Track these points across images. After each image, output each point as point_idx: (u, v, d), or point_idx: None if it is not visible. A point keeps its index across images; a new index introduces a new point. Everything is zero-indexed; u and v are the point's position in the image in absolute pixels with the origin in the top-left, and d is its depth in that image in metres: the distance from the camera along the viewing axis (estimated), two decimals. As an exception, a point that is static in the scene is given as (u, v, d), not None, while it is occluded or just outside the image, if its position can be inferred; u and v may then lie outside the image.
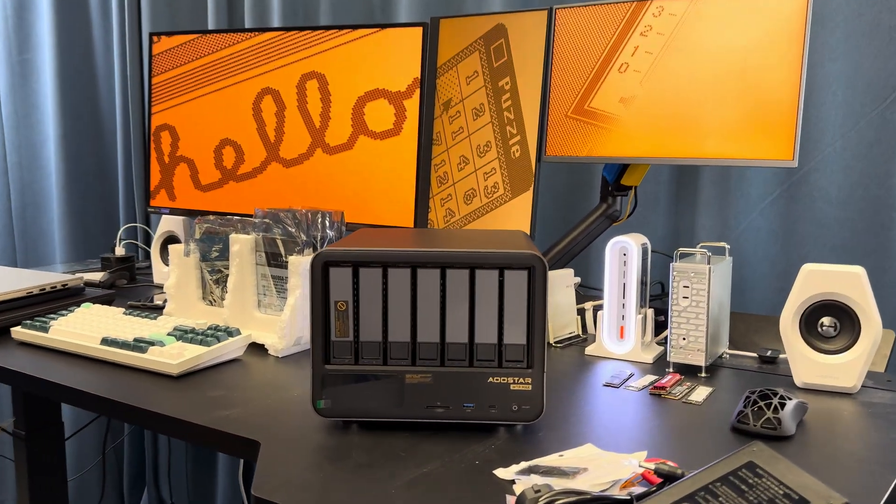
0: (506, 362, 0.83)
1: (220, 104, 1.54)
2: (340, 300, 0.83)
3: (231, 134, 1.54)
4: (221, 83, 1.52)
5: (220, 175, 1.55)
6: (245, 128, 1.53)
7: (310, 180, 1.45)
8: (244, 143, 1.52)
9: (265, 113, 1.51)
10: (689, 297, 1.06)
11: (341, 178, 1.41)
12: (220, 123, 1.55)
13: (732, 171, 1.65)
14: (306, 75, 1.45)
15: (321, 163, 1.45)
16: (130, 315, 1.23)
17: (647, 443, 0.81)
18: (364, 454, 0.77)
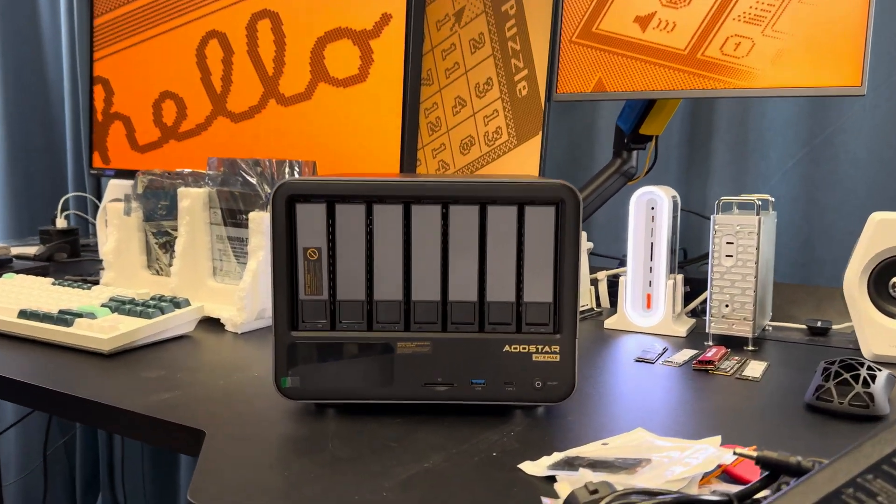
0: (526, 326, 0.64)
1: (159, 51, 1.33)
2: (311, 247, 0.64)
3: (172, 86, 1.32)
4: (160, 27, 1.31)
5: (160, 133, 1.34)
6: (187, 78, 1.31)
7: (262, 136, 1.24)
8: (186, 96, 1.30)
9: (210, 60, 1.29)
10: (733, 255, 0.88)
11: (301, 132, 1.20)
12: (160, 74, 1.33)
13: (750, 133, 1.49)
14: (257, 14, 1.24)
15: (275, 115, 1.23)
16: (60, 285, 1.03)
17: (708, 426, 0.63)
18: (344, 446, 0.58)
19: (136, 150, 1.37)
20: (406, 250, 0.64)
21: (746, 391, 0.73)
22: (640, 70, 0.99)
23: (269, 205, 0.62)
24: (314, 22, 1.18)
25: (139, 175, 1.05)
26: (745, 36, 0.92)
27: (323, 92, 1.17)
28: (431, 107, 1.12)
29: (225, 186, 0.98)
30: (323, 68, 1.17)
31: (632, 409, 0.68)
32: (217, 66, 1.29)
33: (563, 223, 0.63)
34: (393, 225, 0.63)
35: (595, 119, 1.56)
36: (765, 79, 0.93)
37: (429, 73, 1.12)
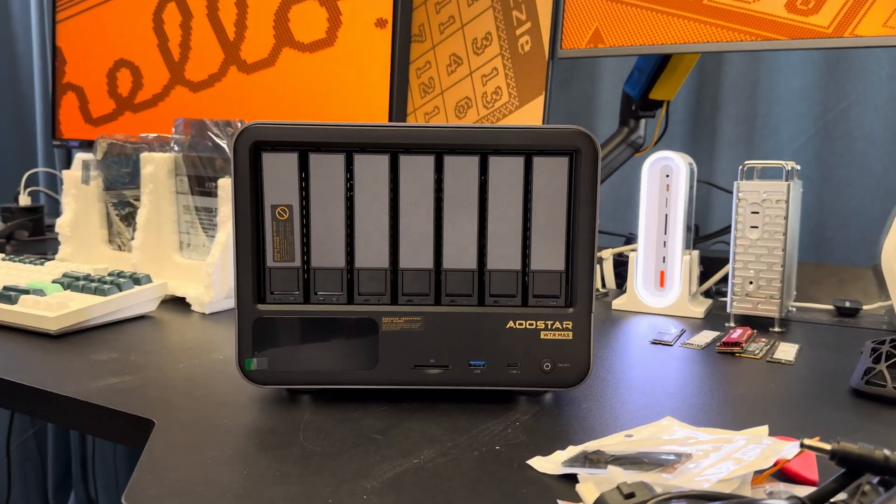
0: (534, 298, 0.55)
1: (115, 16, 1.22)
2: (280, 204, 0.54)
3: (127, 53, 1.21)
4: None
5: (115, 104, 1.23)
6: (144, 45, 1.20)
7: (223, 106, 1.13)
8: (143, 64, 1.19)
9: (168, 25, 1.18)
10: (759, 226, 0.79)
11: (265, 101, 1.09)
12: (116, 41, 1.22)
13: (759, 107, 1.40)
14: None
15: (236, 83, 1.13)
16: (10, 261, 0.92)
17: (747, 414, 0.54)
18: (318, 439, 0.49)
19: (89, 123, 1.26)
20: (393, 209, 0.54)
21: (781, 376, 0.64)
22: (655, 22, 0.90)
23: (231, 151, 0.52)
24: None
25: (98, 140, 0.94)
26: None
27: (287, 57, 1.07)
28: (424, 66, 1.01)
29: (193, 151, 0.88)
30: (287, 32, 1.07)
31: (654, 396, 0.58)
32: (175, 31, 1.19)
33: (578, 176, 0.53)
34: (377, 178, 0.54)
35: (596, 91, 1.47)
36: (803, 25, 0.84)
37: (421, 29, 1.02)
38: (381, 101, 1.00)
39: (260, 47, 1.10)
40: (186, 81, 1.18)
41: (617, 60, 1.40)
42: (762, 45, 0.83)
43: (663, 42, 0.89)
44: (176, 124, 0.90)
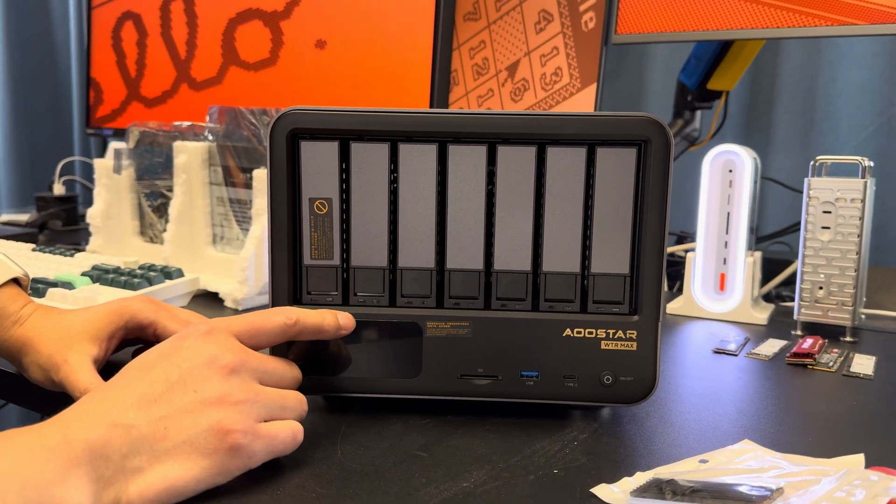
0: (594, 304, 0.50)
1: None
2: (319, 198, 0.50)
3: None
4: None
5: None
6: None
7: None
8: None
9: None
10: (831, 227, 0.73)
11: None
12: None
13: (818, 101, 1.33)
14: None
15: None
16: (41, 252, 0.90)
17: (830, 437, 0.49)
18: (357, 455, 0.45)
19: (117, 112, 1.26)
20: (440, 204, 0.50)
21: (861, 391, 0.58)
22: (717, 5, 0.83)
23: (267, 139, 0.48)
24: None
25: (131, 128, 0.91)
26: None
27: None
28: (478, 45, 0.95)
29: (227, 140, 0.85)
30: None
31: (724, 414, 0.53)
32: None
33: (646, 170, 0.48)
34: (424, 170, 0.49)
35: (644, 82, 1.40)
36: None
37: (475, 6, 0.96)
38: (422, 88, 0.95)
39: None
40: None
41: (668, 49, 1.33)
42: (838, 31, 0.77)
43: (727, 27, 0.82)
44: (210, 112, 0.86)
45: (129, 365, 0.42)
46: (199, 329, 0.42)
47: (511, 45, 0.92)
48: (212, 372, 0.40)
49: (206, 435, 0.38)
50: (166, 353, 0.41)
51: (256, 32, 1.11)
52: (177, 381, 0.39)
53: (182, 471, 0.37)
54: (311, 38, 1.06)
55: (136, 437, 0.37)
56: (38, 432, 0.36)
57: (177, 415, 0.38)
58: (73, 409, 0.38)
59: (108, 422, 0.37)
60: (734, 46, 0.93)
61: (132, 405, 0.38)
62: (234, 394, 0.40)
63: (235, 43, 1.13)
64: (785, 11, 0.77)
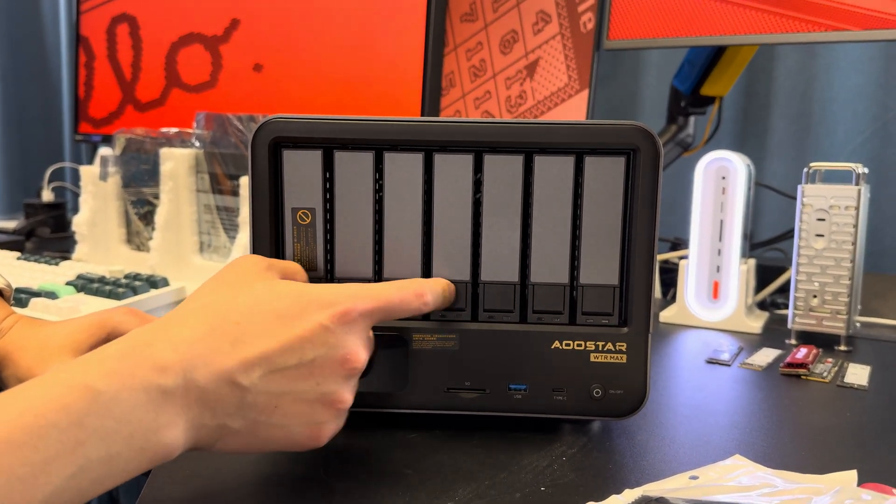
0: (583, 316, 0.49)
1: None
2: (302, 208, 0.49)
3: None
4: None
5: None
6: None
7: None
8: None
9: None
10: (825, 235, 0.72)
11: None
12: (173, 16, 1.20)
13: (814, 106, 1.32)
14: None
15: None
16: (26, 260, 0.89)
17: (824, 452, 0.48)
18: (341, 473, 0.43)
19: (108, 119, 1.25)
20: (426, 213, 0.49)
21: (855, 403, 0.58)
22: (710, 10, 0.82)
23: (249, 146, 0.47)
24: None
25: (117, 134, 0.90)
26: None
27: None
28: (475, 47, 0.94)
29: (214, 147, 0.84)
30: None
31: (716, 426, 0.52)
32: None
33: (636, 179, 0.47)
34: (410, 179, 0.48)
35: (639, 86, 1.39)
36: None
37: (472, 7, 0.95)
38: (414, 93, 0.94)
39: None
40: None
41: (662, 54, 1.33)
42: (831, 37, 0.76)
43: (720, 33, 0.82)
44: (197, 119, 0.85)
45: (267, 286, 0.40)
46: (350, 313, 0.39)
47: (508, 47, 0.91)
48: (339, 371, 0.39)
49: (303, 429, 0.38)
50: (314, 323, 0.38)
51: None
52: (309, 364, 0.38)
53: (260, 444, 0.38)
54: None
55: (247, 402, 0.36)
56: (159, 368, 0.34)
57: (291, 399, 0.38)
58: (196, 342, 0.36)
59: (229, 378, 0.36)
60: (728, 52, 0.92)
61: (257, 364, 0.36)
62: (344, 399, 0.40)
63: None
64: (778, 17, 0.77)
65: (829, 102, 1.30)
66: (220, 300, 0.39)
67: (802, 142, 1.33)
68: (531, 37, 0.91)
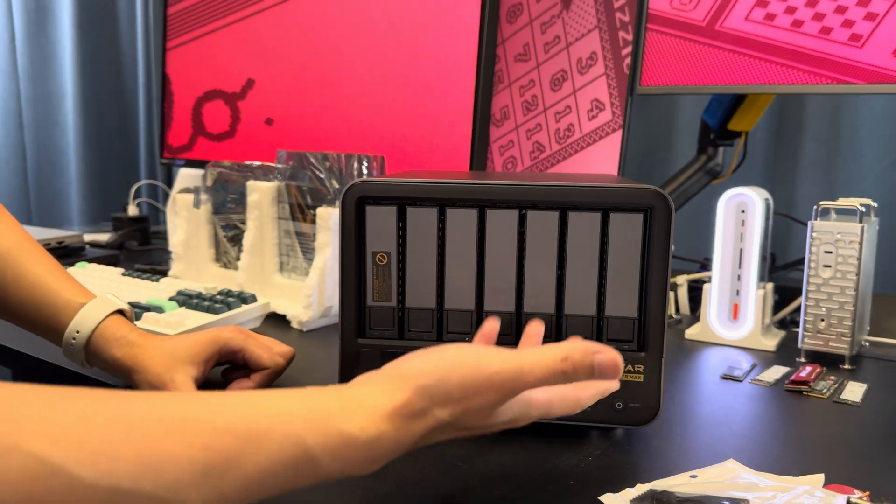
0: (608, 342, 0.60)
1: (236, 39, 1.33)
2: (380, 251, 0.61)
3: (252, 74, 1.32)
4: (252, 8, 1.30)
5: (246, 117, 1.34)
6: (277, 63, 1.31)
7: (342, 123, 1.22)
8: (269, 85, 1.30)
9: (296, 45, 1.29)
10: (832, 265, 0.81)
11: (367, 120, 1.18)
12: (250, 57, 1.33)
13: (843, 129, 1.39)
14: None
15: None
16: (130, 276, 1.03)
17: (809, 459, 0.58)
18: (409, 465, 0.55)
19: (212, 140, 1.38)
20: (480, 256, 0.60)
21: (846, 417, 0.67)
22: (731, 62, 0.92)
23: (338, 201, 0.59)
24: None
25: (209, 167, 1.04)
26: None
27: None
28: (528, 84, 1.06)
29: (293, 181, 0.96)
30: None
31: (720, 436, 0.62)
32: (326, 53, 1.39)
33: (651, 233, 0.58)
34: (466, 229, 0.60)
35: (675, 109, 1.49)
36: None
37: (525, 48, 1.06)
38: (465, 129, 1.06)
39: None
40: (315, 104, 1.34)
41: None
42: (838, 90, 0.85)
43: (740, 83, 0.91)
44: (279, 155, 0.98)
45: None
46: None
47: (558, 84, 1.01)
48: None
49: None
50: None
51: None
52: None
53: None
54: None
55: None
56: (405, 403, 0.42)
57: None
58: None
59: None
60: (749, 97, 1.01)
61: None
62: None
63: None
64: (791, 70, 0.86)
65: (858, 127, 1.37)
66: None
67: (831, 163, 1.40)
68: (578, 76, 1.01)
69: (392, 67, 1.15)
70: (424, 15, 1.11)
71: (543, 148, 1.05)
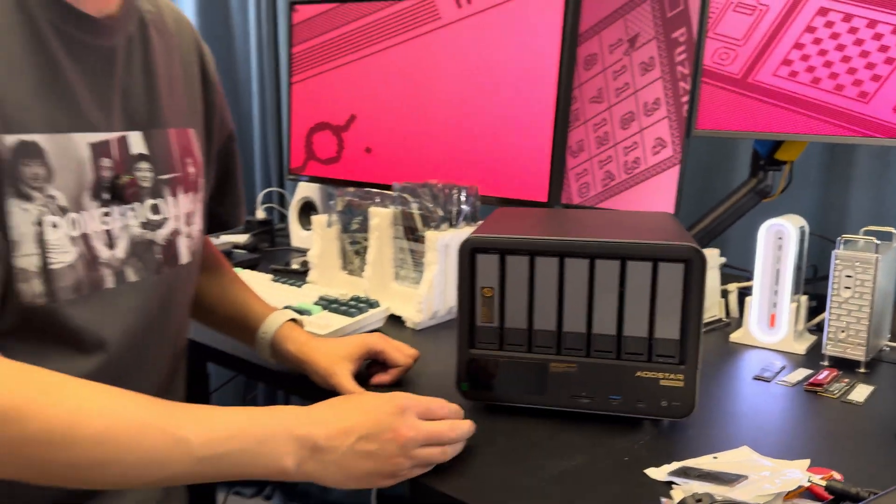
0: (656, 357, 0.81)
1: (355, 75, 1.56)
2: (486, 286, 0.83)
3: (365, 104, 1.55)
4: (360, 52, 1.53)
5: (349, 145, 1.59)
6: (376, 99, 1.55)
7: (436, 152, 1.45)
8: (369, 119, 1.55)
9: (394, 84, 1.53)
10: (851, 287, 0.99)
11: (457, 151, 1.41)
12: (355, 94, 1.57)
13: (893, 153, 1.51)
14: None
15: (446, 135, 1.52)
16: (278, 282, 1.29)
17: (806, 448, 0.77)
18: (509, 441, 0.78)
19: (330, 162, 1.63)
20: (560, 291, 0.82)
21: (848, 415, 0.86)
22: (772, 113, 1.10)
23: (444, 224, 0.81)
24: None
25: (338, 196, 1.28)
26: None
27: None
28: (601, 122, 1.27)
29: (406, 207, 1.20)
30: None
31: (743, 427, 0.83)
32: (404, 87, 1.60)
33: (690, 278, 0.78)
34: (550, 273, 0.81)
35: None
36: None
37: (599, 92, 1.27)
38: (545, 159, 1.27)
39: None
40: (411, 131, 1.55)
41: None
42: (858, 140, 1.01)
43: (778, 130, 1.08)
44: (394, 187, 1.21)
45: (360, 403, 0.70)
46: (396, 410, 0.69)
47: (627, 123, 1.21)
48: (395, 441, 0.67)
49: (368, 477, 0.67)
50: (375, 426, 0.67)
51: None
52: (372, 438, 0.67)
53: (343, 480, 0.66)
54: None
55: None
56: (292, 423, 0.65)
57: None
58: (316, 412, 0.67)
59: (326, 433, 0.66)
60: (790, 134, 1.18)
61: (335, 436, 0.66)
62: (399, 464, 0.67)
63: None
64: (811, 119, 1.02)
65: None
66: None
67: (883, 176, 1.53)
68: (644, 117, 1.21)
69: (481, 105, 1.36)
70: (511, 62, 1.31)
71: (613, 177, 1.25)
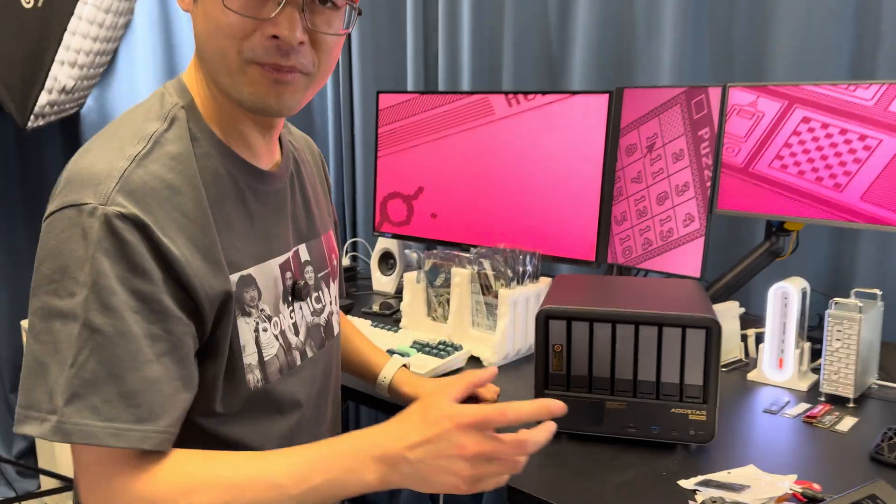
0: (685, 398, 1.08)
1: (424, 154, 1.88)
2: (557, 343, 1.12)
3: (432, 178, 1.87)
4: (430, 136, 1.85)
5: (421, 210, 1.89)
6: (448, 174, 1.86)
7: (494, 219, 1.75)
8: (436, 189, 1.86)
9: (458, 163, 1.86)
10: (841, 339, 1.25)
11: (516, 218, 1.71)
12: (424, 170, 1.88)
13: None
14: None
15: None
16: (377, 327, 1.59)
17: (798, 467, 1.04)
18: (576, 460, 1.06)
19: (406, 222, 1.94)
20: (612, 348, 1.10)
21: (834, 442, 1.12)
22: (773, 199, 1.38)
23: (513, 283, 1.09)
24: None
25: (425, 257, 1.58)
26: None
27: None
28: (640, 198, 1.57)
29: (482, 269, 1.49)
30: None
31: (751, 451, 1.10)
32: (470, 164, 1.85)
33: (710, 339, 1.06)
34: (605, 334, 1.10)
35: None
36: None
37: (639, 174, 1.57)
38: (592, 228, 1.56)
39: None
40: (475, 201, 1.85)
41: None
42: (847, 225, 1.28)
43: (781, 213, 1.36)
44: (472, 251, 1.51)
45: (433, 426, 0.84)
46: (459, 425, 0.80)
47: (662, 200, 1.50)
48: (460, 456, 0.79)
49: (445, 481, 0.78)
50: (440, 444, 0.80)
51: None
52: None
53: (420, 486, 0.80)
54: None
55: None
56: (378, 446, 0.80)
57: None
58: (392, 429, 0.83)
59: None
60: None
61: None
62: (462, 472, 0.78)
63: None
64: (807, 206, 1.30)
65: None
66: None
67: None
68: (676, 196, 1.49)
69: (536, 180, 1.66)
70: (564, 148, 1.61)
71: (651, 243, 1.53)
